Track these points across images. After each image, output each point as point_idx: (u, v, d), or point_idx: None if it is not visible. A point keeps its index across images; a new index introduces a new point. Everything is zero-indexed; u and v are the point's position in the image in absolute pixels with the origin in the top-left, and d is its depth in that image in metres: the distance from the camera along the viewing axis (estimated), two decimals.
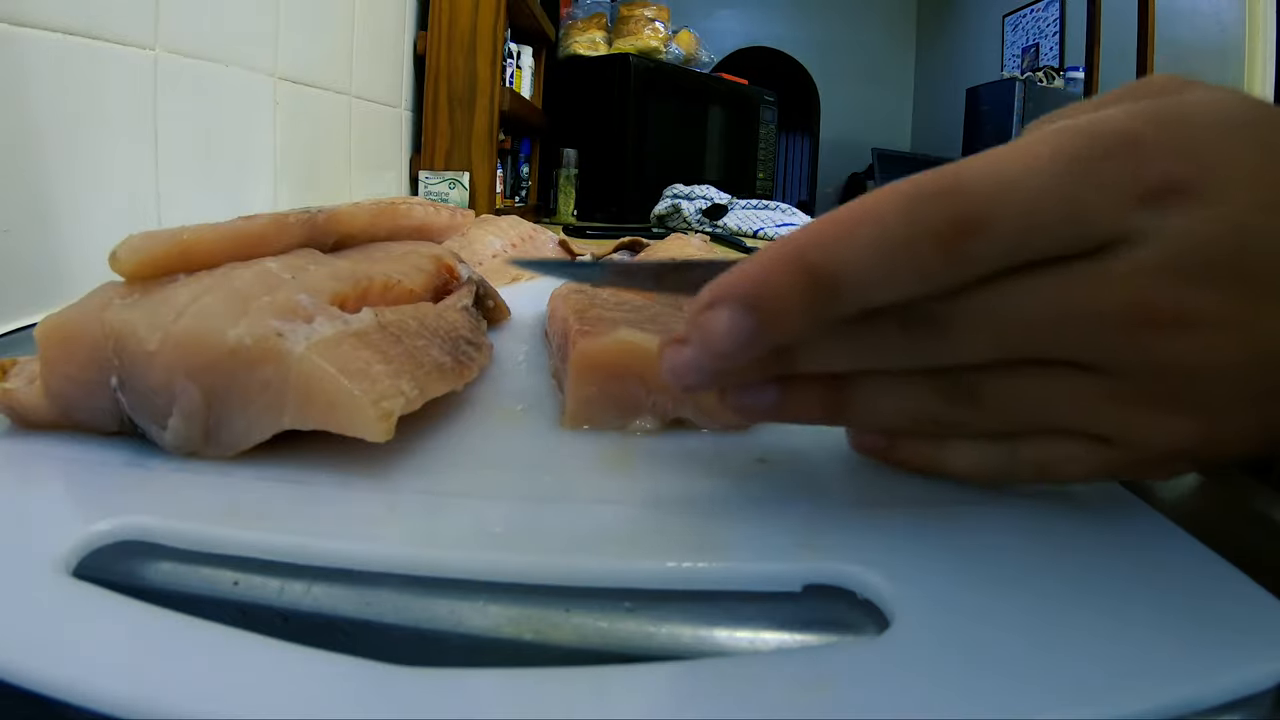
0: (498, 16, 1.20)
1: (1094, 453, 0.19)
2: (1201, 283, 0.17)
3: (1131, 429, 0.19)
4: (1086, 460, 0.20)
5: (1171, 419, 0.18)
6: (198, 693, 0.13)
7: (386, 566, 0.18)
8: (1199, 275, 0.17)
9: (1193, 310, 0.17)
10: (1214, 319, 0.17)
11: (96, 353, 0.23)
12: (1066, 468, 0.20)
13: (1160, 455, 0.19)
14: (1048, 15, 3.00)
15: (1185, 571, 0.18)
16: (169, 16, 0.55)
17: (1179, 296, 0.17)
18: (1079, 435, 0.19)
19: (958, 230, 0.17)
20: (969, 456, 0.21)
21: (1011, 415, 0.20)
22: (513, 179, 1.64)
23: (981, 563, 0.18)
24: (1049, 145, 0.17)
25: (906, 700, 0.14)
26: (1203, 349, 0.17)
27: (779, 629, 0.16)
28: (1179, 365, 0.17)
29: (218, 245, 0.26)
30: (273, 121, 0.72)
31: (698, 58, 2.09)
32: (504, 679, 0.14)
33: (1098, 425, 0.19)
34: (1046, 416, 0.19)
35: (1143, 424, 0.19)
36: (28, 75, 0.43)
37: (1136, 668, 0.14)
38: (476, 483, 0.22)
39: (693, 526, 0.19)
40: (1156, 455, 0.19)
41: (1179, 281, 0.17)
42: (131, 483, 0.21)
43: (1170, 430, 0.18)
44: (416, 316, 0.28)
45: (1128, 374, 0.18)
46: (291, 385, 0.21)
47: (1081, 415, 0.19)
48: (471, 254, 0.58)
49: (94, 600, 0.16)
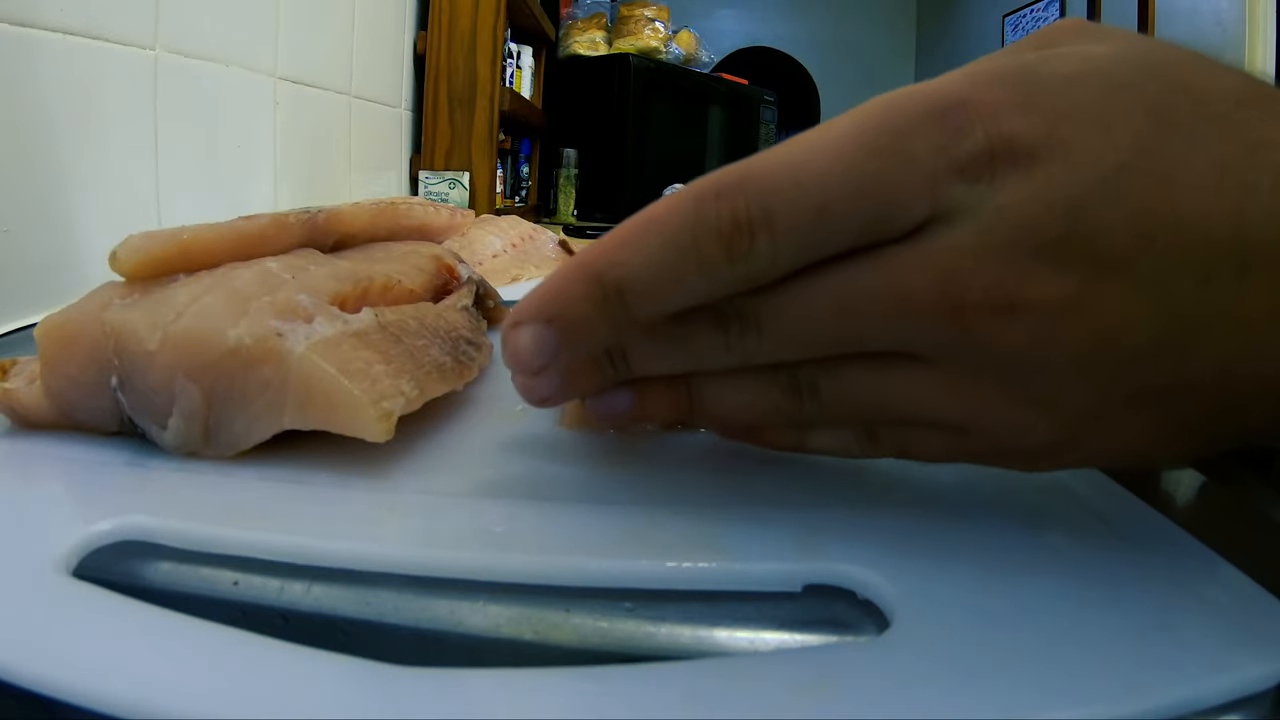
0: (498, 16, 1.20)
1: (949, 440, 0.19)
2: (1028, 262, 0.15)
3: (976, 419, 0.18)
4: (943, 446, 0.19)
5: (1018, 410, 0.17)
6: (198, 693, 0.13)
7: (386, 566, 0.18)
8: (1025, 254, 0.15)
9: (1017, 293, 0.15)
10: (1045, 303, 0.15)
11: (96, 353, 0.23)
12: (925, 451, 0.19)
13: (1019, 450, 0.18)
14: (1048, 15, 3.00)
15: (1185, 571, 0.18)
16: (169, 16, 0.55)
17: (1000, 278, 0.15)
18: (931, 426, 0.18)
19: (739, 229, 0.16)
20: (829, 441, 0.21)
21: (854, 407, 0.19)
22: (513, 179, 1.64)
23: (981, 563, 0.18)
24: (850, 121, 0.16)
25: (906, 700, 0.13)
26: (1034, 337, 0.16)
27: (779, 629, 0.16)
28: (1010, 354, 0.16)
29: (218, 245, 0.26)
30: (273, 121, 0.72)
31: (698, 58, 2.09)
32: (504, 679, 0.14)
33: (939, 415, 0.18)
34: (888, 407, 0.18)
35: (987, 414, 0.17)
36: (28, 75, 0.43)
37: (1136, 668, 0.14)
38: (476, 483, 0.22)
39: (693, 526, 0.19)
40: (1015, 449, 0.18)
41: (1001, 261, 0.15)
42: (131, 483, 0.21)
43: (1016, 423, 0.17)
44: (416, 316, 0.28)
45: (956, 362, 0.17)
46: (291, 385, 0.21)
47: (919, 406, 0.18)
48: (471, 254, 0.58)
49: (94, 600, 0.16)
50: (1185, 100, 0.15)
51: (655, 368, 0.20)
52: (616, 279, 0.17)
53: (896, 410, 0.18)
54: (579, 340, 0.19)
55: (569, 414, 0.27)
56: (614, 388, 0.21)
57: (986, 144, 0.15)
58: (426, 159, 1.20)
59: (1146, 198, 0.15)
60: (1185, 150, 0.15)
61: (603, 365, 0.20)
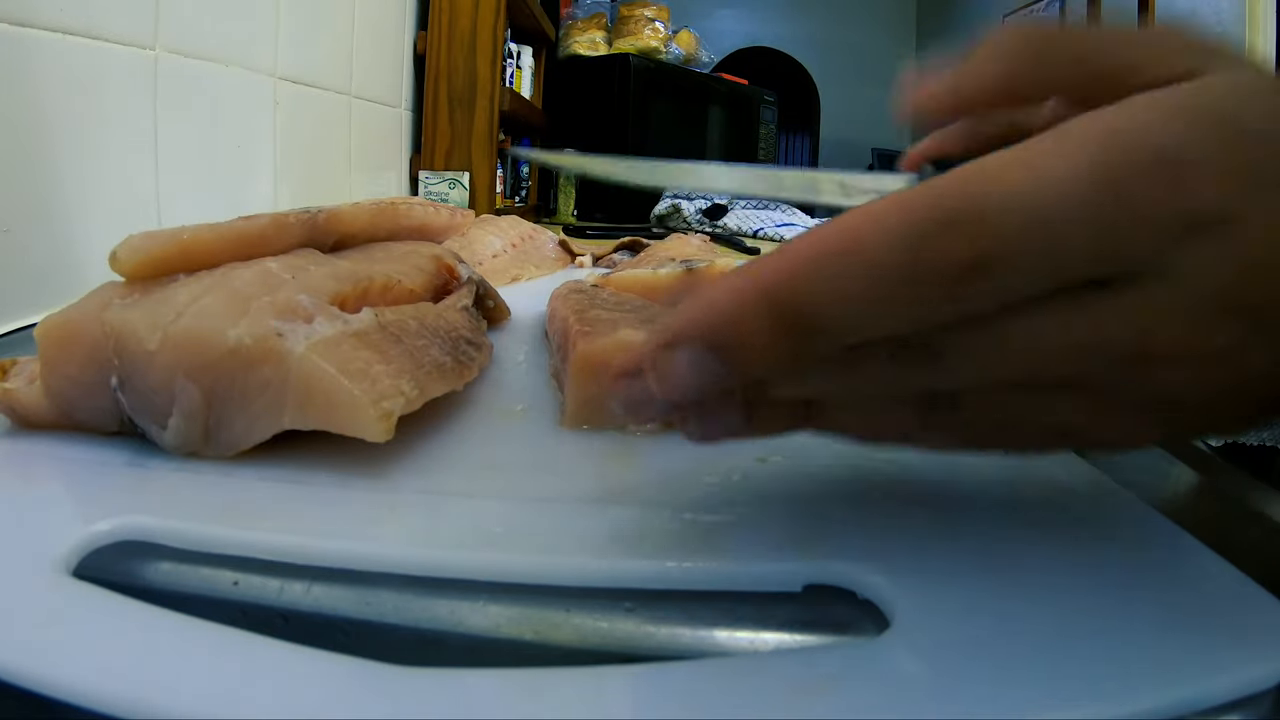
0: (498, 16, 1.20)
1: (1052, 439, 0.19)
2: (1210, 322, 0.16)
3: (1096, 431, 0.18)
4: (1041, 444, 0.19)
5: (1140, 426, 0.18)
6: (198, 693, 0.13)
7: (386, 566, 0.18)
8: (1209, 314, 0.16)
9: (1193, 349, 0.16)
10: (1208, 356, 0.16)
11: (96, 353, 0.23)
12: (1031, 448, 0.19)
13: (1127, 445, 0.19)
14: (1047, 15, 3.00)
15: (1185, 571, 0.18)
16: (169, 16, 0.55)
17: (1185, 336, 0.16)
18: (1058, 432, 0.19)
19: (968, 272, 0.15)
20: (939, 444, 0.20)
21: (987, 424, 0.19)
22: (513, 179, 1.64)
23: (981, 563, 0.18)
24: (1082, 157, 0.15)
25: (906, 700, 0.13)
26: (1191, 381, 0.16)
27: (779, 629, 0.16)
28: (1163, 393, 0.17)
29: (218, 245, 0.26)
30: (273, 121, 0.72)
31: (698, 58, 2.09)
32: (504, 679, 0.14)
33: (1074, 429, 0.18)
34: (1029, 422, 0.18)
35: (1110, 427, 0.18)
36: (28, 75, 0.43)
37: (1136, 668, 0.14)
38: (476, 483, 0.22)
39: (693, 526, 0.19)
40: (1124, 445, 0.19)
41: (1189, 320, 0.16)
42: (131, 483, 0.21)
43: (1135, 433, 0.18)
44: (416, 316, 0.28)
45: (1111, 393, 0.17)
46: (291, 385, 0.21)
47: (1054, 421, 0.18)
48: (471, 254, 0.58)
49: (94, 600, 0.16)
50: None
51: (797, 393, 0.18)
52: (805, 310, 0.15)
53: (1036, 425, 0.18)
54: (743, 372, 0.16)
55: (569, 414, 0.27)
56: (725, 405, 0.18)
57: (1215, 206, 0.15)
58: (426, 159, 1.20)
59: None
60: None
61: (731, 390, 0.18)
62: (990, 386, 0.17)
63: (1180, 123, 0.15)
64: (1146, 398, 0.17)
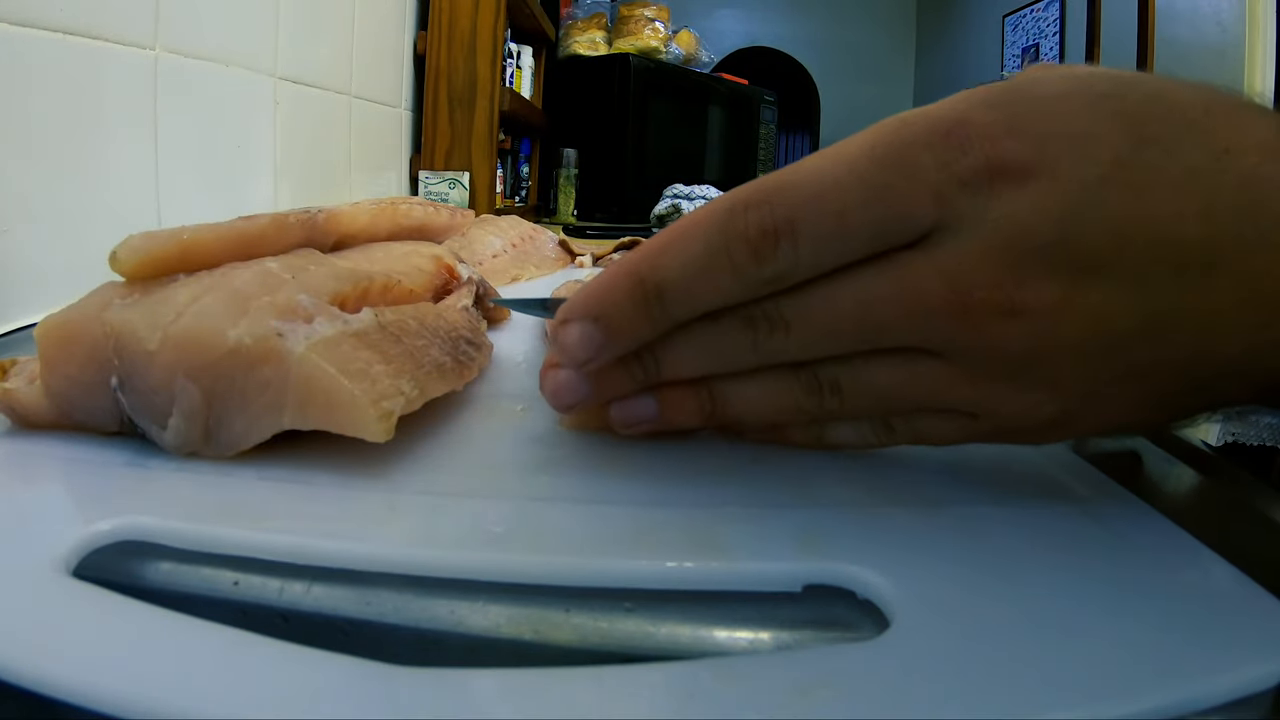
0: (498, 16, 1.20)
1: (963, 424, 0.20)
2: (1026, 268, 0.17)
3: (987, 405, 0.19)
4: (958, 431, 0.21)
5: (1025, 395, 0.19)
6: (198, 693, 0.13)
7: (386, 566, 0.18)
8: (1021, 259, 0.17)
9: (1016, 295, 0.17)
10: (1041, 304, 0.17)
11: (96, 353, 0.23)
12: (940, 436, 0.21)
13: (1028, 426, 0.20)
14: (1048, 15, 3.00)
15: (1185, 571, 0.18)
16: (169, 16, 0.55)
17: (999, 280, 0.17)
18: (944, 412, 0.20)
19: (765, 235, 0.18)
20: (848, 435, 0.23)
21: (875, 401, 0.21)
22: (513, 179, 1.64)
23: (981, 563, 0.18)
24: (863, 139, 0.18)
25: (906, 700, 0.13)
26: (1032, 334, 0.17)
27: (779, 629, 0.16)
28: (1013, 349, 0.18)
29: (218, 245, 0.26)
30: (273, 121, 0.72)
31: (698, 58, 2.09)
32: (504, 679, 0.14)
33: (956, 404, 0.20)
34: (907, 399, 0.20)
35: (997, 400, 0.19)
36: (28, 75, 0.43)
37: (1136, 668, 0.14)
38: (476, 483, 0.22)
39: (693, 526, 0.19)
40: (1024, 425, 0.20)
41: (1000, 265, 0.17)
42: (131, 483, 0.21)
43: (1026, 404, 0.19)
44: (416, 316, 0.28)
45: (967, 356, 0.18)
46: (291, 385, 0.21)
47: (938, 396, 0.20)
48: (471, 254, 0.58)
49: (94, 600, 0.16)
50: (1160, 108, 0.17)
51: (684, 370, 0.21)
52: (657, 280, 0.19)
53: (913, 401, 0.20)
54: (622, 337, 0.20)
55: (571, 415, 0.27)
56: (638, 394, 0.22)
57: (985, 161, 0.17)
58: (426, 159, 1.20)
59: (1125, 205, 0.17)
60: (1160, 159, 0.17)
61: (633, 368, 0.21)
62: (848, 358, 0.20)
63: (963, 101, 0.18)
64: (997, 360, 0.18)
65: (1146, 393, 0.18)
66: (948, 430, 0.21)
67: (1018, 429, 0.20)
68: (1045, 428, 0.20)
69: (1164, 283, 0.17)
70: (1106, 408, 0.19)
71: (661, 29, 1.98)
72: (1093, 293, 0.17)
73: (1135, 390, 0.18)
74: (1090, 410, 0.19)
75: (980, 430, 0.20)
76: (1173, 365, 0.18)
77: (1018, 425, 0.20)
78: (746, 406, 0.22)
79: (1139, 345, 0.17)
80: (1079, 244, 0.17)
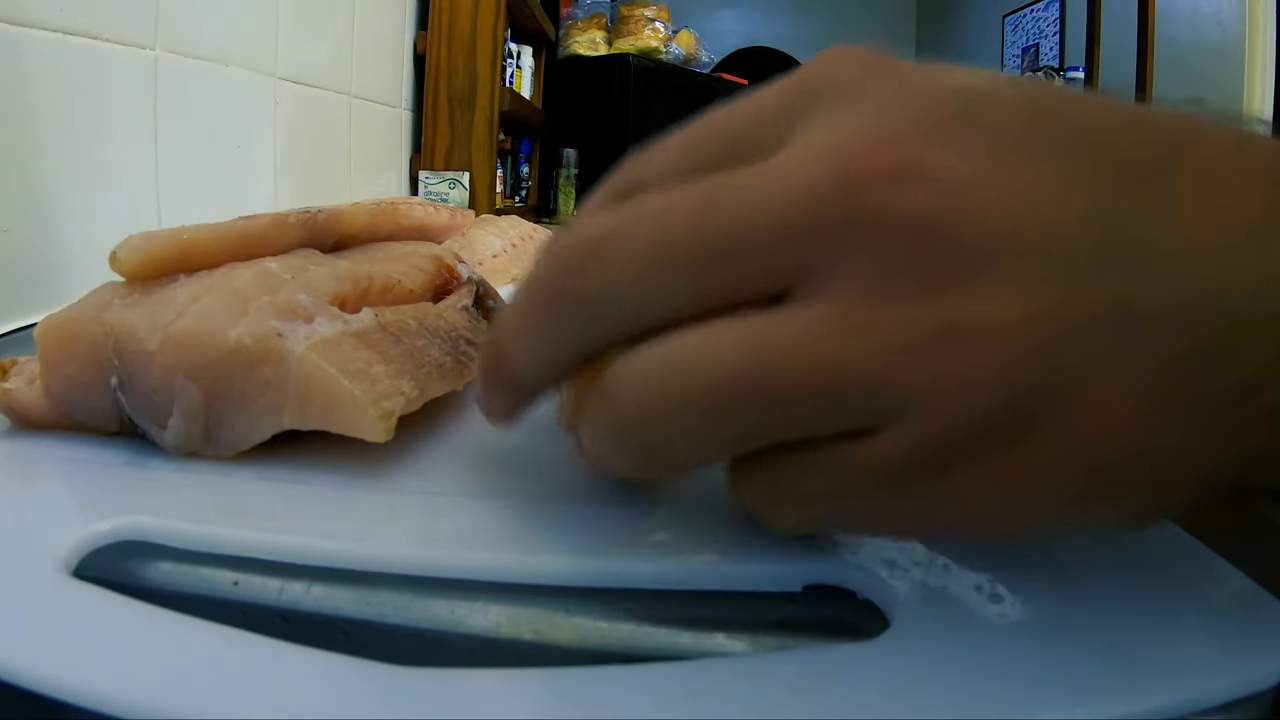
0: (498, 16, 1.20)
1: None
2: (922, 140, 0.14)
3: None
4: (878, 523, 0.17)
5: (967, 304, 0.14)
6: (198, 693, 0.13)
7: (386, 566, 0.18)
8: (911, 133, 0.14)
9: (915, 160, 0.14)
10: (948, 167, 0.14)
11: (96, 353, 0.23)
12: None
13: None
14: (1048, 15, 3.00)
15: (1184, 571, 0.18)
16: (169, 16, 0.55)
17: (888, 150, 0.14)
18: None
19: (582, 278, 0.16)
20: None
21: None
22: (513, 179, 1.64)
23: (982, 563, 0.18)
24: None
25: (906, 700, 0.13)
26: (939, 198, 0.14)
27: (779, 629, 0.16)
28: (920, 216, 0.14)
29: (218, 245, 0.26)
30: (273, 121, 0.72)
31: (698, 58, 2.09)
32: (504, 679, 0.14)
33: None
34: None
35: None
36: (27, 75, 0.43)
37: (1136, 668, 0.14)
38: (476, 483, 0.22)
39: (693, 526, 0.19)
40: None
41: (888, 138, 0.14)
42: (131, 483, 0.21)
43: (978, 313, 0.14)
44: (416, 316, 0.28)
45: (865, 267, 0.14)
46: (291, 385, 0.21)
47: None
48: (471, 254, 0.58)
49: (94, 600, 0.16)
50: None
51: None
52: (506, 354, 0.18)
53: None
54: (509, 402, 0.20)
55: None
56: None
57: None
58: (426, 159, 1.20)
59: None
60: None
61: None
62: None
63: None
64: (904, 255, 0.14)
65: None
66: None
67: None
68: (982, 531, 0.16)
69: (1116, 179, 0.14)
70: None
71: (661, 29, 1.98)
72: (1022, 168, 0.14)
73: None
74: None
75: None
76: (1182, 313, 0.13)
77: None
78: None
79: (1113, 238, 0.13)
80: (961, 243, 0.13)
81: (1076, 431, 0.14)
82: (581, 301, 0.16)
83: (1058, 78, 2.85)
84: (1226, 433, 0.14)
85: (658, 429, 0.15)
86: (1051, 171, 0.14)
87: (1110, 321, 0.13)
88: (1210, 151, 0.14)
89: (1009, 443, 0.14)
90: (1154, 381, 0.13)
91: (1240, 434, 0.14)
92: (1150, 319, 0.13)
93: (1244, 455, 0.14)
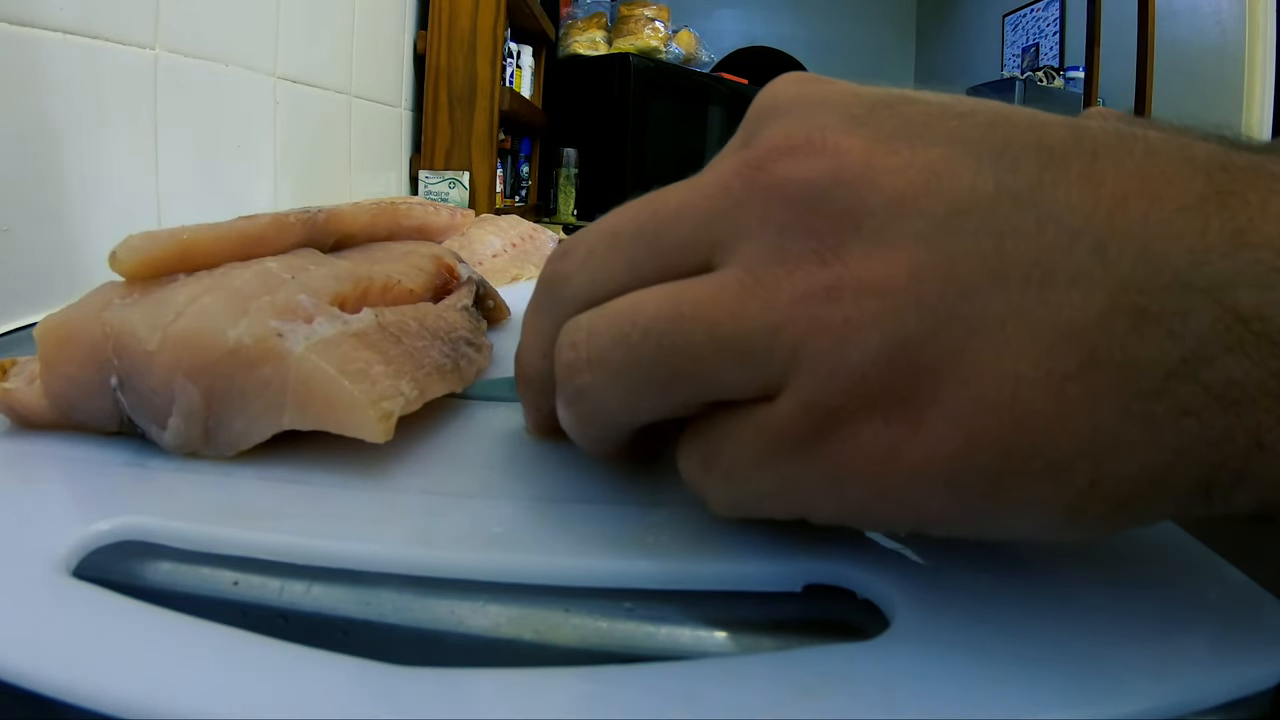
0: (498, 16, 1.20)
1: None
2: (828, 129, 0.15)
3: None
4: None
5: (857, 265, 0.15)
6: (198, 693, 0.13)
7: (386, 566, 0.18)
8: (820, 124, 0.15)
9: (817, 139, 0.15)
10: (847, 147, 0.15)
11: (96, 353, 0.23)
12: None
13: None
14: (1048, 15, 3.00)
15: (1184, 571, 0.18)
16: (169, 16, 0.55)
17: (792, 137, 0.16)
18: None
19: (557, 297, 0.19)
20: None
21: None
22: (513, 179, 1.64)
23: (982, 563, 0.18)
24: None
25: (906, 700, 0.13)
26: (834, 169, 0.15)
27: (779, 629, 0.16)
28: (814, 183, 0.15)
29: (218, 245, 0.26)
30: (273, 121, 0.72)
31: (698, 57, 2.09)
32: (504, 679, 0.14)
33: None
34: None
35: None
36: (28, 75, 0.43)
37: (1136, 668, 0.14)
38: (476, 483, 0.22)
39: (693, 526, 0.19)
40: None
41: (791, 133, 0.16)
42: (131, 483, 0.21)
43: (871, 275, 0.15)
44: (416, 317, 0.28)
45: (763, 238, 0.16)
46: (291, 385, 0.21)
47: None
48: (471, 254, 0.58)
49: (94, 600, 0.16)
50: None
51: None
52: (525, 371, 0.23)
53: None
54: (539, 416, 0.23)
55: None
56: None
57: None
58: (426, 159, 1.20)
59: None
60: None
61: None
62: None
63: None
64: (798, 219, 0.15)
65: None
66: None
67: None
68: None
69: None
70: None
71: (661, 29, 1.98)
72: (931, 149, 0.14)
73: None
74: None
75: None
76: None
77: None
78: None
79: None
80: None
81: (967, 395, 0.13)
82: (549, 290, 0.19)
83: (1058, 77, 2.85)
84: (1168, 414, 0.12)
85: (587, 374, 0.17)
86: (956, 152, 0.14)
87: (1007, 279, 0.13)
88: (1156, 140, 0.14)
89: (901, 405, 0.14)
90: (1060, 342, 0.13)
91: (1184, 416, 0.12)
92: (1057, 277, 0.13)
93: (1212, 461, 0.13)
